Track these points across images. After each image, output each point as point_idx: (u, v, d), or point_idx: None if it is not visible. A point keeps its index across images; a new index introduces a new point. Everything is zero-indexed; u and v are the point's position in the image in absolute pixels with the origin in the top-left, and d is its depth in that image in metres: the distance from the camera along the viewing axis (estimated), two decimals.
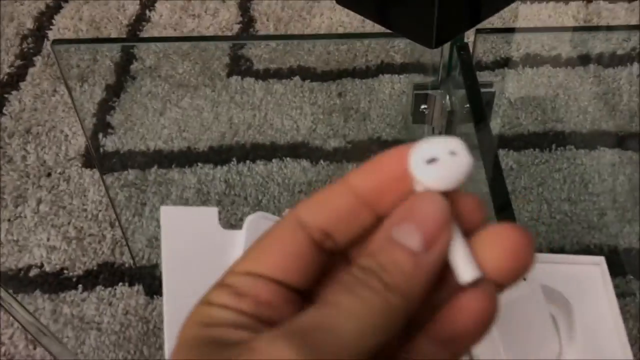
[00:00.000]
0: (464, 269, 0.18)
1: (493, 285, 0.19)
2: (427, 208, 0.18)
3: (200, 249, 0.30)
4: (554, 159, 0.87)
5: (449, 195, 0.18)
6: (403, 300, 0.17)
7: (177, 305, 0.30)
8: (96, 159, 0.83)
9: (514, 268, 0.19)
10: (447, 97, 0.54)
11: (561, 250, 0.77)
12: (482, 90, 0.51)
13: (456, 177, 0.18)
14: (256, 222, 0.31)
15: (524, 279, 0.32)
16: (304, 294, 0.20)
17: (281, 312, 0.19)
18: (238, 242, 0.31)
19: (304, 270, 0.19)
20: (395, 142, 0.94)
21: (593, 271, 0.34)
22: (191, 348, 0.18)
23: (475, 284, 0.18)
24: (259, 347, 0.16)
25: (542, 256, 0.34)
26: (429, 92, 0.54)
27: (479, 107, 0.45)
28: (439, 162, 0.18)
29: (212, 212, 0.31)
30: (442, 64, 0.54)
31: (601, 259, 0.34)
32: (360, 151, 0.91)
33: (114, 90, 1.02)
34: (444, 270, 0.19)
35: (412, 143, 0.19)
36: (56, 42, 0.60)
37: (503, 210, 0.37)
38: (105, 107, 0.99)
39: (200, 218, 0.31)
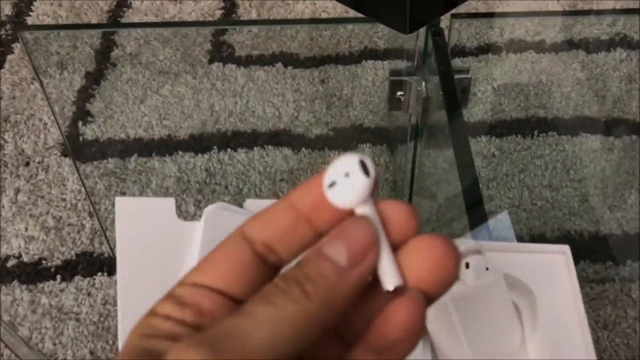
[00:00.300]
0: (388, 277, 0.19)
1: (420, 294, 0.19)
2: (356, 230, 0.19)
3: (157, 241, 0.30)
4: (536, 145, 0.87)
5: (378, 204, 0.20)
6: (322, 309, 0.18)
7: (131, 299, 0.29)
8: (69, 146, 0.82)
9: (438, 279, 0.19)
10: (423, 84, 0.53)
11: (542, 237, 0.77)
12: (458, 76, 0.51)
13: (353, 198, 0.19)
14: (215, 213, 0.31)
15: (487, 269, 0.32)
16: None
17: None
18: (196, 233, 0.30)
19: (247, 282, 0.20)
20: (378, 130, 0.94)
21: (558, 260, 0.33)
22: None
23: (400, 292, 0.19)
24: (170, 355, 0.17)
25: (505, 245, 0.34)
26: (404, 78, 0.53)
27: (452, 94, 0.44)
28: (336, 185, 0.19)
29: (169, 202, 0.30)
30: (418, 49, 0.53)
31: (566, 248, 0.34)
32: (343, 139, 0.91)
33: (94, 78, 1.01)
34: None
35: None
36: (24, 28, 0.59)
37: (473, 201, 0.36)
38: (84, 95, 0.98)
39: (157, 209, 0.30)
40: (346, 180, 0.19)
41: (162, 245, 0.30)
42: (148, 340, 0.19)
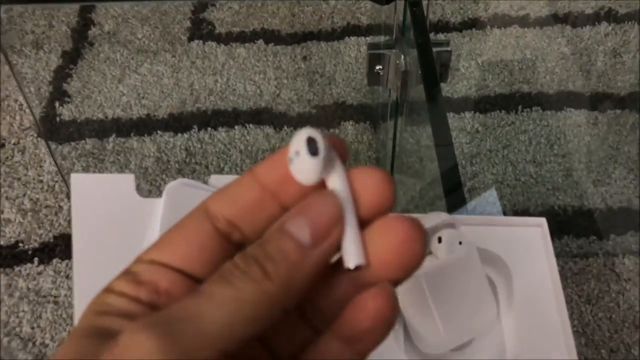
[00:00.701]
0: (350, 255, 0.18)
1: (390, 285, 0.19)
2: (320, 206, 0.18)
3: (115, 218, 0.28)
4: (520, 120, 0.86)
5: (351, 174, 0.19)
6: (282, 289, 0.17)
7: (87, 278, 0.28)
8: (40, 127, 0.80)
9: (402, 262, 0.18)
10: (402, 57, 0.52)
11: (526, 212, 0.77)
12: (437, 49, 0.50)
13: (304, 176, 0.18)
14: (177, 190, 0.29)
15: (460, 243, 0.31)
16: None
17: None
18: (157, 210, 0.29)
19: (208, 260, 0.19)
20: (361, 107, 0.93)
21: (533, 233, 0.32)
22: (79, 338, 0.18)
23: (362, 270, 0.18)
24: (121, 338, 0.16)
25: (480, 218, 0.33)
26: (383, 51, 0.52)
27: (430, 66, 0.43)
28: (292, 161, 0.18)
29: (128, 179, 0.29)
30: (396, 22, 0.52)
31: (542, 221, 0.33)
32: (325, 116, 0.89)
33: (71, 57, 0.98)
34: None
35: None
36: None
37: (451, 184, 0.35)
38: (61, 75, 0.96)
39: (115, 185, 0.29)
40: (298, 159, 0.18)
41: (120, 222, 0.28)
42: (102, 318, 0.18)
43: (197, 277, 0.19)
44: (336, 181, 0.18)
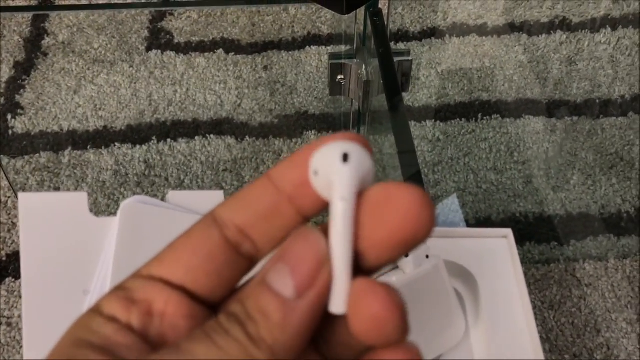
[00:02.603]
0: (334, 299, 0.16)
1: (417, 347, 0.17)
2: (301, 249, 0.16)
3: (67, 239, 0.27)
4: (480, 128, 0.87)
5: (374, 193, 0.16)
6: (269, 354, 0.15)
7: (39, 302, 0.26)
8: None
9: (408, 237, 0.16)
10: (363, 67, 0.52)
11: (488, 220, 0.77)
12: (399, 59, 0.49)
13: (334, 192, 0.16)
14: (132, 208, 0.28)
15: (427, 256, 0.30)
16: (215, 308, 0.17)
17: (177, 328, 0.16)
18: (112, 229, 0.27)
19: (214, 276, 0.17)
20: (323, 116, 0.92)
21: (500, 244, 0.32)
22: None
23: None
24: None
25: (446, 231, 0.32)
26: (344, 61, 0.51)
27: (392, 76, 0.43)
28: (318, 174, 0.16)
29: (80, 197, 0.28)
30: (357, 31, 0.52)
31: (508, 231, 0.33)
32: (288, 126, 0.89)
33: (24, 68, 0.95)
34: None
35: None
36: None
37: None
38: (14, 86, 0.93)
39: (66, 205, 0.27)
40: (328, 172, 0.16)
41: (73, 243, 0.27)
42: (80, 351, 0.15)
43: (200, 296, 0.17)
44: (340, 204, 0.15)
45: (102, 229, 0.27)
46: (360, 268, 0.17)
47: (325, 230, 0.16)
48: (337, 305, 0.16)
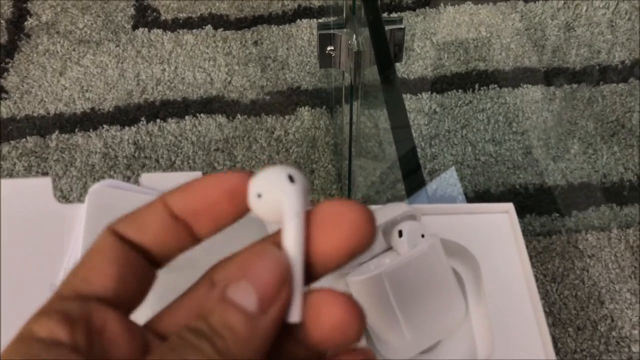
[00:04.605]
0: (291, 309, 0.17)
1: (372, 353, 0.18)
2: (263, 266, 0.17)
3: (31, 228, 0.25)
4: (478, 99, 0.85)
5: (315, 212, 0.17)
6: None
7: (3, 296, 0.25)
8: None
9: (353, 248, 0.17)
10: (354, 37, 0.49)
11: (487, 192, 0.76)
12: (390, 27, 0.47)
13: (281, 213, 0.17)
14: (102, 193, 0.26)
15: (422, 236, 0.29)
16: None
17: (118, 345, 0.17)
18: (79, 216, 0.25)
19: (171, 241, 0.18)
20: (316, 91, 0.90)
21: (501, 220, 0.30)
22: None
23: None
24: None
25: (443, 207, 0.31)
26: (334, 31, 0.49)
27: (383, 45, 0.41)
28: (262, 197, 0.17)
29: (44, 183, 0.26)
30: (347, 0, 0.49)
31: (510, 206, 0.31)
32: (280, 103, 0.86)
33: (7, 51, 0.93)
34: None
35: (233, 174, 0.19)
36: None
37: (409, 166, 0.33)
38: None
39: (30, 191, 0.25)
40: (275, 193, 0.17)
41: (38, 234, 0.25)
42: None
43: (123, 305, 0.17)
44: (291, 224, 0.16)
45: (69, 217, 0.25)
46: (309, 276, 0.18)
47: (276, 244, 0.17)
48: (294, 314, 0.17)
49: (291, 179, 0.17)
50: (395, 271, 0.25)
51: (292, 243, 0.17)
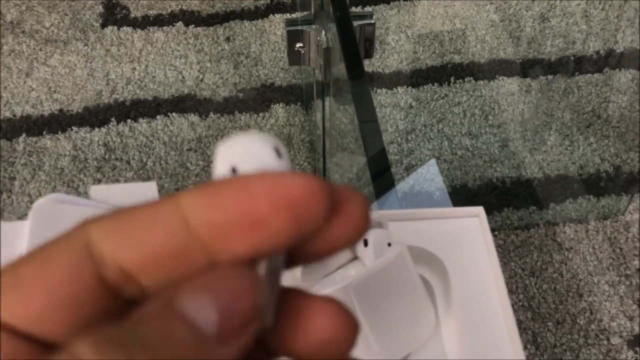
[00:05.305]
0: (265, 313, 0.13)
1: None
2: (235, 284, 0.12)
3: None
4: (454, 92, 0.84)
5: None
6: None
7: None
8: None
9: (336, 346, 0.14)
10: (323, 33, 0.48)
11: (464, 187, 0.75)
12: (359, 22, 0.46)
13: None
14: (46, 208, 0.24)
15: (389, 244, 0.28)
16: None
17: None
18: (22, 235, 0.24)
19: (76, 321, 0.12)
20: (291, 88, 0.88)
21: (471, 225, 0.29)
22: None
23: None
24: None
25: (409, 212, 0.30)
26: (302, 27, 0.48)
27: (351, 41, 0.39)
28: (234, 174, 0.13)
29: None
30: None
31: (480, 210, 0.30)
32: (254, 100, 0.85)
33: None
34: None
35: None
36: None
37: (378, 167, 0.32)
38: None
39: None
40: (253, 170, 0.13)
41: None
42: None
43: (47, 341, 0.12)
44: None
45: (11, 235, 0.24)
46: (289, 262, 0.14)
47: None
48: (267, 317, 0.13)
49: (278, 153, 0.13)
50: (361, 283, 0.24)
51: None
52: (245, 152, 0.13)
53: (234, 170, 0.13)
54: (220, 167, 0.13)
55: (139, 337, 0.11)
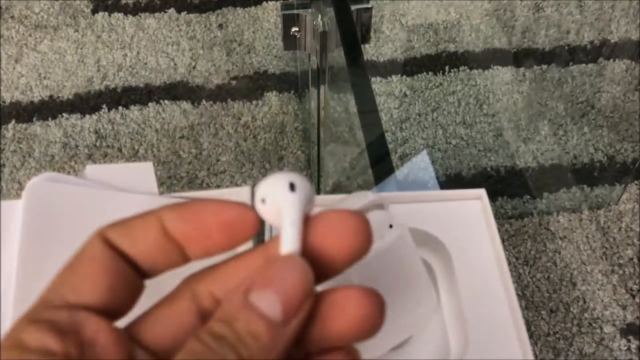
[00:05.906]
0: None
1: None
2: (290, 276, 0.17)
3: None
4: (448, 81, 0.84)
5: (319, 221, 0.18)
6: None
7: None
8: None
9: (356, 252, 0.18)
10: (319, 17, 0.47)
11: (458, 176, 0.75)
12: (356, 7, 0.45)
13: (284, 217, 0.17)
14: (40, 188, 0.24)
15: (390, 226, 0.27)
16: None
17: (110, 355, 0.16)
18: (15, 216, 0.23)
19: (128, 297, 0.18)
20: (284, 75, 0.88)
21: (473, 207, 0.29)
22: None
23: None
24: None
25: (412, 195, 0.29)
26: (298, 11, 0.47)
27: (349, 25, 0.39)
28: (266, 201, 0.18)
29: None
30: None
31: (482, 192, 0.30)
32: (247, 87, 0.84)
33: None
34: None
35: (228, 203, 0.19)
36: None
37: (377, 153, 0.31)
38: None
39: None
40: (276, 200, 0.17)
41: None
42: None
43: (111, 313, 0.17)
44: (285, 232, 0.17)
45: (5, 215, 0.23)
46: None
47: (275, 247, 0.18)
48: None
49: (292, 187, 0.17)
50: (362, 265, 0.24)
51: (285, 251, 0.17)
52: (267, 188, 0.18)
53: (263, 201, 0.18)
54: (257, 198, 0.18)
55: (237, 334, 0.16)
